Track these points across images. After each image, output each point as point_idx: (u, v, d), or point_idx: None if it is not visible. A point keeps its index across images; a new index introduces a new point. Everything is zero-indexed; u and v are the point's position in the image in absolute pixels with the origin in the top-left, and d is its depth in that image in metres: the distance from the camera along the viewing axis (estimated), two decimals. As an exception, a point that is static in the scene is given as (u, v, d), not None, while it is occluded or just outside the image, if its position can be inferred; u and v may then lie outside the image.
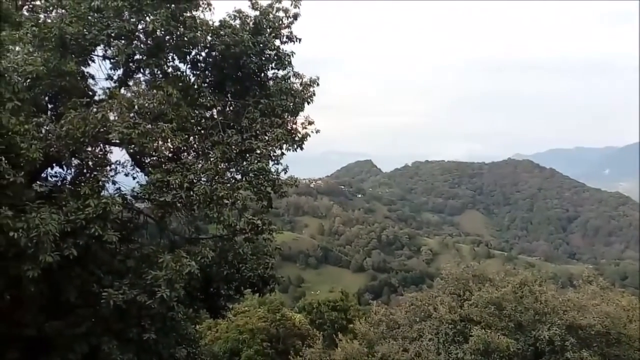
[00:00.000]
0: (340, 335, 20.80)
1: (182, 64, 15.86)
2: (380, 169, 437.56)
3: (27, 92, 12.34)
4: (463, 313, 18.22)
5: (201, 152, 15.30)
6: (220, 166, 14.40)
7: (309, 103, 16.58)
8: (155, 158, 14.61)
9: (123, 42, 14.11)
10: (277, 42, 16.22)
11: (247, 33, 15.38)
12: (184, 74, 15.91)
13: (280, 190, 15.88)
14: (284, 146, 15.96)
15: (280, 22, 16.09)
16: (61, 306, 13.15)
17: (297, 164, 18.31)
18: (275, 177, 15.61)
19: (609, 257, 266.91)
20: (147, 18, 14.29)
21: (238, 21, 15.91)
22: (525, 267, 48.78)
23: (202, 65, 16.15)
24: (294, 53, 16.45)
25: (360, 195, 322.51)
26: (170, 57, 15.42)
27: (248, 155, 14.97)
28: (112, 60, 15.09)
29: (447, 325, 18.02)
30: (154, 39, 14.69)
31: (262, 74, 16.37)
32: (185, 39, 14.83)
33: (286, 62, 16.38)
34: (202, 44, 15.41)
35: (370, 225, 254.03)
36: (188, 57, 15.76)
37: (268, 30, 15.97)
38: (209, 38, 15.33)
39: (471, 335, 17.09)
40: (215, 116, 15.84)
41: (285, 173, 16.27)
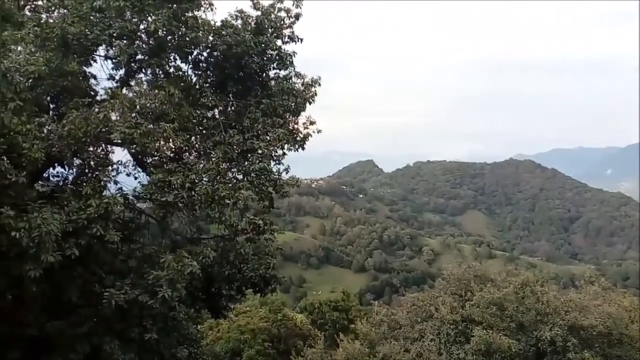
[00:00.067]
0: (341, 336, 20.83)
1: (183, 64, 15.90)
2: (381, 169, 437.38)
3: (29, 92, 12.35)
4: (465, 313, 18.22)
5: (203, 152, 15.30)
6: (221, 166, 14.41)
7: (310, 103, 16.57)
8: (157, 158, 14.62)
9: (125, 42, 14.12)
10: (279, 42, 16.21)
11: (249, 33, 15.38)
12: (186, 74, 15.94)
13: (282, 190, 15.88)
14: (286, 146, 15.95)
15: (282, 22, 16.09)
16: (63, 306, 13.17)
17: (298, 164, 18.32)
18: (277, 177, 15.61)
19: (610, 258, 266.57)
20: (149, 18, 14.30)
21: (240, 21, 15.91)
22: (526, 268, 48.74)
23: (204, 65, 16.15)
24: (296, 53, 16.47)
25: (361, 196, 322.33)
26: (172, 57, 15.44)
27: (250, 155, 14.97)
28: (114, 60, 15.10)
29: (449, 325, 18.02)
30: (155, 39, 14.70)
31: (264, 74, 16.36)
32: (187, 39, 14.84)
33: (288, 62, 16.38)
34: (203, 44, 15.42)
35: (372, 226, 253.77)
36: (190, 57, 15.78)
37: (270, 30, 15.96)
38: (210, 38, 15.34)
39: (473, 336, 17.08)
40: (217, 116, 15.83)
41: (286, 173, 16.30)
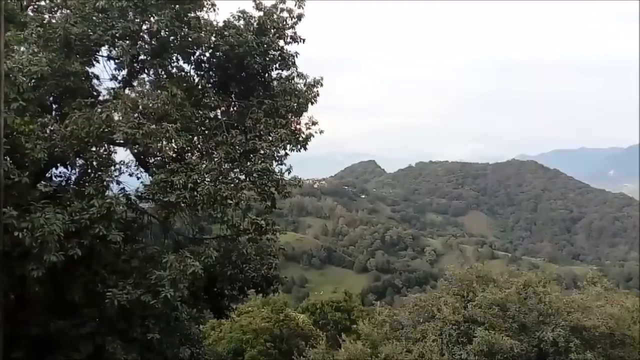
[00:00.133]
0: (343, 336, 20.79)
1: (186, 65, 15.95)
2: (384, 169, 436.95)
3: (32, 93, 12.38)
4: (467, 314, 18.21)
5: (205, 153, 15.31)
6: (224, 166, 14.44)
7: (312, 103, 16.58)
8: (159, 158, 14.65)
9: (127, 42, 14.14)
10: (281, 43, 16.23)
11: (251, 33, 15.39)
12: (188, 74, 15.98)
13: (284, 190, 15.90)
14: (288, 146, 15.96)
15: (284, 22, 16.09)
16: (66, 306, 13.18)
17: (300, 165, 18.32)
18: (279, 177, 15.63)
19: (613, 258, 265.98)
20: (152, 18, 14.33)
21: (242, 22, 15.93)
22: (529, 268, 48.66)
23: (206, 65, 16.17)
24: (298, 53, 16.49)
25: (364, 196, 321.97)
26: (174, 58, 15.47)
27: (252, 155, 14.98)
28: (116, 61, 15.13)
29: (451, 326, 18.01)
30: (158, 40, 14.72)
31: (266, 75, 16.39)
32: (189, 39, 14.87)
33: (290, 62, 16.41)
34: (206, 45, 15.44)
35: (374, 226, 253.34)
36: (192, 58, 15.81)
37: (272, 30, 15.98)
38: (213, 38, 15.35)
39: (475, 336, 17.08)
40: (219, 116, 15.86)
41: (289, 173, 16.33)
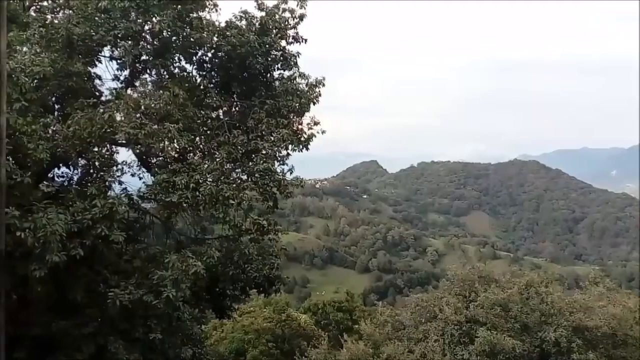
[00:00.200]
0: (345, 336, 20.78)
1: (188, 65, 15.93)
2: (385, 169, 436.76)
3: (35, 93, 12.40)
4: (469, 314, 18.19)
5: (207, 153, 15.32)
6: (226, 166, 14.44)
7: (314, 103, 16.57)
8: (161, 158, 14.67)
9: (130, 42, 14.16)
10: (283, 43, 16.21)
11: (253, 34, 15.39)
12: (190, 74, 15.98)
13: (286, 190, 15.89)
14: (290, 147, 15.97)
15: (286, 22, 16.08)
16: (68, 306, 13.19)
17: (302, 165, 18.32)
18: (281, 177, 15.62)
19: (615, 259, 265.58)
20: (154, 19, 14.34)
21: (244, 22, 15.92)
22: (531, 268, 48.55)
23: (208, 65, 16.19)
24: (300, 54, 16.48)
25: (365, 196, 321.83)
26: (176, 58, 15.48)
27: (254, 155, 14.98)
28: (118, 61, 15.17)
29: (453, 326, 17.99)
30: (160, 40, 14.74)
31: (268, 75, 16.38)
32: (191, 39, 14.88)
33: (292, 62, 16.40)
34: (208, 45, 15.44)
35: (376, 226, 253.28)
36: (194, 58, 15.80)
37: (274, 31, 15.97)
38: (215, 39, 15.36)
39: (477, 337, 17.06)
40: (221, 117, 15.86)
41: (290, 173, 16.31)
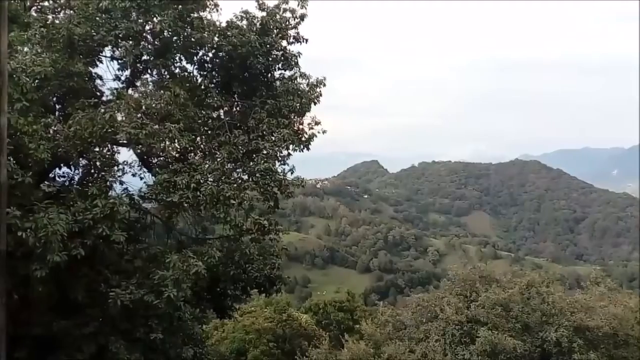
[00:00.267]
0: (346, 336, 20.80)
1: (189, 65, 15.92)
2: (386, 169, 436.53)
3: (36, 93, 12.40)
4: (470, 314, 18.18)
5: (208, 153, 15.33)
6: (227, 166, 14.44)
7: (315, 103, 16.58)
8: (162, 158, 14.68)
9: (131, 42, 14.16)
10: (284, 43, 16.21)
11: (254, 34, 15.39)
12: (191, 74, 15.98)
13: (287, 190, 15.89)
14: (291, 146, 15.98)
15: (287, 22, 16.08)
16: (69, 306, 13.20)
17: (303, 165, 18.32)
18: (282, 177, 15.62)
19: (616, 259, 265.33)
20: (155, 19, 14.34)
21: (245, 22, 15.92)
22: (532, 268, 48.54)
23: (209, 65, 16.19)
24: (301, 53, 16.47)
25: (366, 196, 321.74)
26: (177, 58, 15.48)
27: (255, 155, 14.98)
28: (119, 61, 15.17)
29: (454, 326, 17.98)
30: (161, 40, 14.74)
31: (269, 75, 16.37)
32: (192, 39, 14.88)
33: (293, 62, 16.39)
34: (209, 45, 15.44)
35: (377, 226, 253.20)
36: (195, 58, 15.80)
37: (275, 30, 15.96)
38: (216, 39, 15.36)
39: (478, 337, 17.06)
40: (222, 116, 15.87)
41: (291, 173, 16.32)
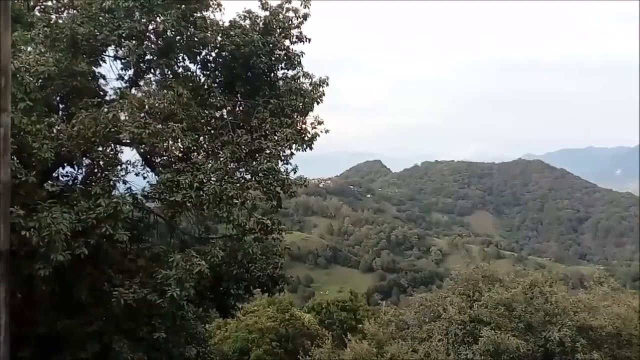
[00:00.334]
0: (349, 336, 20.83)
1: (192, 64, 15.92)
2: (389, 169, 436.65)
3: (39, 92, 12.41)
4: (473, 314, 18.19)
5: (211, 152, 15.33)
6: (229, 166, 14.43)
7: (318, 103, 16.57)
8: (165, 158, 14.67)
9: (134, 42, 14.15)
10: (287, 42, 16.20)
11: (257, 33, 15.39)
12: (194, 74, 15.98)
13: (290, 190, 15.89)
14: (294, 146, 15.96)
15: (290, 22, 16.07)
16: (72, 305, 13.21)
17: (306, 164, 18.32)
18: (285, 177, 15.61)
19: (620, 258, 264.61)
20: (158, 18, 14.34)
21: (248, 21, 15.93)
22: (535, 268, 48.55)
23: (212, 65, 16.18)
24: (304, 53, 16.47)
25: (369, 196, 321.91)
26: (180, 58, 15.46)
27: (257, 155, 14.97)
28: (123, 61, 15.15)
29: (457, 325, 17.99)
30: (164, 40, 14.74)
31: (272, 74, 16.37)
32: (195, 39, 14.87)
33: (296, 62, 16.39)
34: (212, 44, 15.45)
35: (380, 226, 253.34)
36: (198, 58, 15.80)
37: (278, 30, 15.96)
38: (219, 38, 15.36)
39: (481, 336, 17.06)
40: (225, 116, 15.86)
41: (294, 173, 16.31)
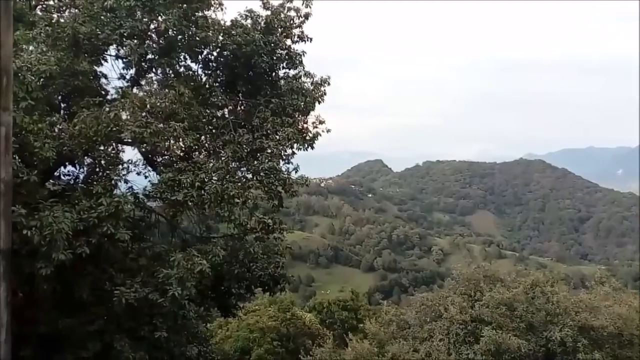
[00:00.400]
0: (350, 335, 20.82)
1: (193, 64, 15.95)
2: (391, 168, 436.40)
3: (41, 92, 12.42)
4: (474, 313, 18.17)
5: (212, 151, 15.34)
6: (231, 165, 14.44)
7: (319, 102, 16.57)
8: (167, 157, 14.69)
9: (135, 41, 14.17)
10: (288, 42, 16.21)
11: (259, 32, 15.39)
12: (196, 73, 16.00)
13: (291, 189, 15.89)
14: (295, 145, 15.97)
15: (292, 21, 16.08)
16: (74, 304, 13.22)
17: (307, 164, 18.33)
18: (286, 176, 15.62)
19: (621, 258, 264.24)
20: (160, 18, 14.35)
21: (249, 21, 15.93)
22: (536, 268, 48.48)
23: (214, 64, 16.19)
24: (305, 52, 16.48)
25: (370, 195, 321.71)
26: (182, 57, 15.48)
27: (259, 154, 14.98)
28: (124, 60, 15.16)
29: (458, 325, 17.97)
30: (166, 39, 14.75)
31: (273, 74, 16.37)
32: (197, 38, 14.88)
33: (297, 61, 16.39)
34: (213, 44, 15.46)
35: (381, 225, 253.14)
36: (200, 57, 15.82)
37: (279, 29, 15.96)
38: (220, 37, 15.36)
39: (482, 336, 17.05)
40: (227, 115, 15.87)
41: (296, 172, 16.35)
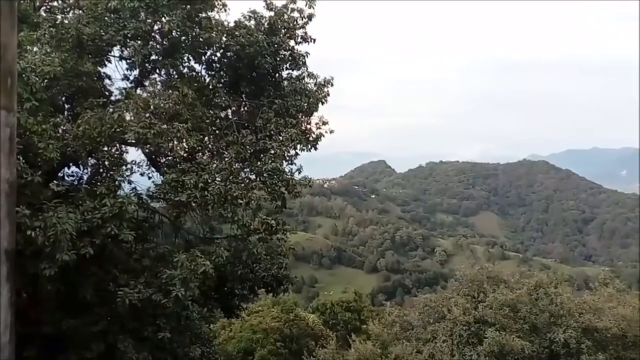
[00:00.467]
0: (353, 336, 20.80)
1: (197, 65, 15.95)
2: (394, 169, 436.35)
3: (45, 93, 12.44)
4: (477, 315, 18.13)
5: (216, 152, 15.36)
6: (234, 166, 14.45)
7: (323, 103, 16.56)
8: (170, 158, 14.72)
9: (139, 42, 14.20)
10: (292, 43, 16.22)
11: (262, 33, 15.40)
12: (199, 74, 16.01)
13: (294, 190, 15.89)
14: (298, 146, 15.97)
15: (295, 22, 16.09)
16: (77, 304, 13.23)
17: (311, 164, 18.34)
18: (289, 177, 15.63)
19: (625, 260, 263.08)
20: (163, 19, 14.38)
21: (253, 22, 15.94)
22: (540, 269, 48.35)
23: (217, 65, 16.21)
24: (309, 53, 16.48)
25: (373, 196, 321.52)
26: (185, 58, 15.50)
27: (262, 155, 14.98)
28: (128, 61, 15.22)
29: (461, 326, 17.94)
30: (169, 40, 14.78)
31: (277, 75, 16.39)
32: (200, 39, 14.91)
33: (300, 62, 16.40)
34: (217, 45, 15.47)
35: (384, 226, 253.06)
36: (203, 58, 15.83)
37: (283, 30, 15.98)
38: (224, 39, 15.37)
39: (485, 337, 17.01)
40: (230, 116, 15.89)
41: (299, 173, 16.32)
